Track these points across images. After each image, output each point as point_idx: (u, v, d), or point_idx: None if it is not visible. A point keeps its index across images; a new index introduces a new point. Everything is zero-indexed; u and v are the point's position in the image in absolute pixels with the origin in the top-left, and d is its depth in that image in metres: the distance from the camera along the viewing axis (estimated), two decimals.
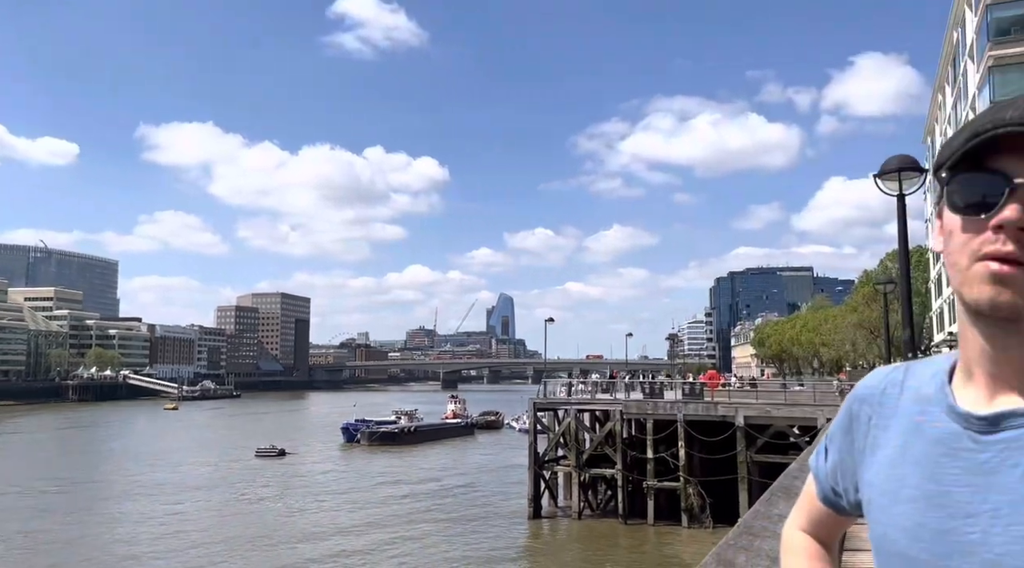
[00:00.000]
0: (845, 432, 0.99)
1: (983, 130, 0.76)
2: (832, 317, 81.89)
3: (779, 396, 32.12)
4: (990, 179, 0.77)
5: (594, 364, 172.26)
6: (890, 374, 0.96)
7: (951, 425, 0.83)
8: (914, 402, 0.89)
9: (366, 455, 50.42)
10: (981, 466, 0.78)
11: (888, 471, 0.88)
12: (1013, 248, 0.74)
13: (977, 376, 0.83)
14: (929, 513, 0.81)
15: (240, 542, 25.55)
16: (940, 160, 0.81)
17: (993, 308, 0.76)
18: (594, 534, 26.27)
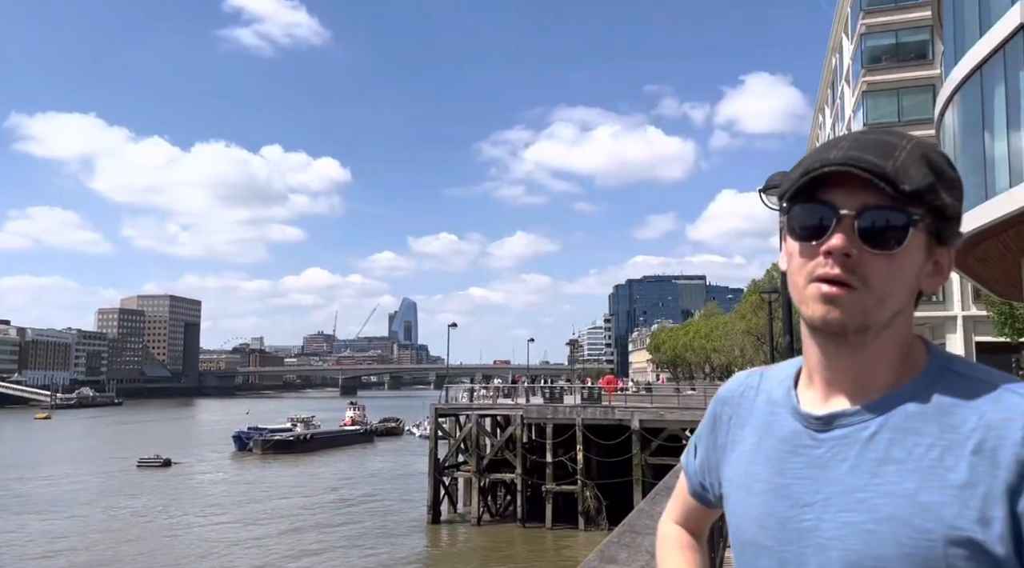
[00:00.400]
0: (710, 432, 1.09)
1: (812, 168, 0.86)
2: (723, 324, 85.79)
3: (673, 400, 33.28)
4: (821, 210, 0.87)
5: (497, 369, 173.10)
6: (748, 378, 1.07)
7: (794, 424, 0.93)
8: (766, 404, 1.00)
9: (259, 464, 48.51)
10: (816, 461, 0.88)
11: (745, 467, 0.98)
12: (840, 271, 0.85)
13: (816, 381, 0.94)
14: (775, 504, 0.91)
15: (118, 561, 23.97)
16: (780, 192, 0.91)
17: (824, 324, 0.87)
18: (493, 539, 26.33)
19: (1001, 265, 17.78)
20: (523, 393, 33.58)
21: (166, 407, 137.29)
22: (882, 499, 0.82)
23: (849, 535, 0.83)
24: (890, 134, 0.88)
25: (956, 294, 32.74)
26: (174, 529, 28.88)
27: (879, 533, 0.81)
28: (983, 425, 0.80)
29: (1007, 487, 0.77)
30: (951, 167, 0.88)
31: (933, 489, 0.80)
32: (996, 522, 0.77)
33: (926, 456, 0.82)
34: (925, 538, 0.78)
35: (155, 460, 46.63)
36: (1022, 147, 13.72)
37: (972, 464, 0.79)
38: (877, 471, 0.83)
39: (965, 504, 0.78)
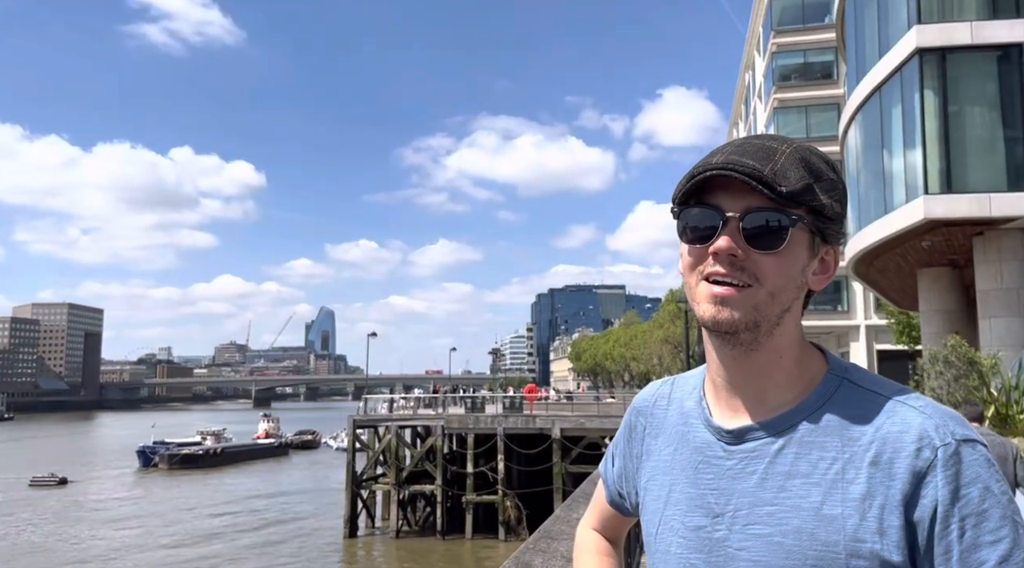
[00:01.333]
0: (626, 441, 1.12)
1: (696, 173, 0.90)
2: (641, 333, 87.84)
3: (593, 408, 33.68)
4: (708, 213, 0.90)
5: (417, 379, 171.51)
6: (660, 388, 1.10)
7: (707, 436, 0.95)
8: (679, 414, 1.02)
9: (165, 480, 46.18)
10: (727, 472, 0.91)
11: (661, 477, 1.00)
12: (727, 270, 0.88)
13: (720, 387, 0.96)
14: (689, 514, 0.93)
15: None
16: (673, 197, 0.94)
17: (715, 324, 0.89)
18: (411, 551, 25.87)
19: (899, 277, 18.83)
20: (444, 403, 33.28)
21: (64, 422, 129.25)
22: (789, 512, 0.85)
23: (758, 547, 0.86)
24: (774, 139, 0.92)
25: (859, 305, 34.55)
26: (70, 551, 27.03)
27: (786, 545, 0.84)
28: (879, 438, 0.84)
29: (902, 497, 0.81)
30: (831, 169, 0.92)
31: (835, 502, 0.83)
32: (892, 531, 0.80)
33: (829, 470, 0.85)
34: (829, 550, 0.81)
35: (50, 479, 43.70)
36: (917, 164, 14.55)
37: (870, 476, 0.82)
38: (784, 485, 0.86)
39: (864, 516, 0.81)
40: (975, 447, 0.82)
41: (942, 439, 0.81)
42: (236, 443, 59.20)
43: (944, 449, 0.80)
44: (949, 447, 0.81)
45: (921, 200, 14.02)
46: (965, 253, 15.24)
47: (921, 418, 0.84)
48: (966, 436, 0.82)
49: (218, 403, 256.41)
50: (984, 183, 14.00)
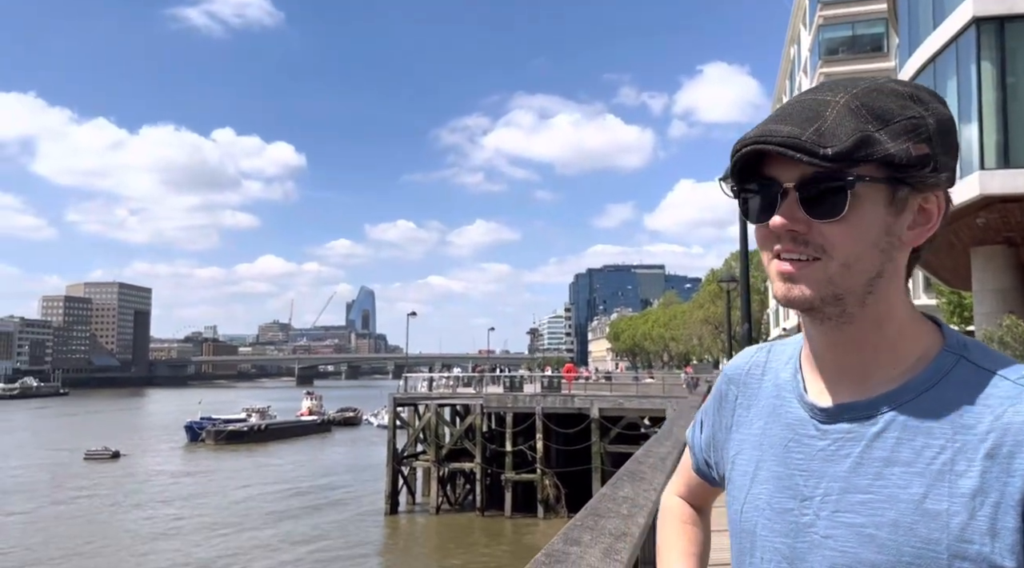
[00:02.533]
0: (716, 409, 1.05)
1: (736, 150, 0.83)
2: (681, 313, 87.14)
3: (631, 389, 33.63)
4: (764, 188, 0.83)
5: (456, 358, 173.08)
6: (755, 355, 1.02)
7: (800, 412, 0.88)
8: (773, 386, 0.95)
9: (211, 455, 47.60)
10: (818, 454, 0.84)
11: (748, 452, 0.94)
12: (791, 246, 0.82)
13: (817, 364, 0.88)
14: (776, 495, 0.87)
15: (66, 557, 23.22)
16: (725, 176, 0.88)
17: (788, 302, 0.82)
18: (451, 528, 26.27)
19: (951, 255, 18.26)
20: (484, 382, 33.54)
21: (115, 397, 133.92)
22: (885, 503, 0.77)
23: (847, 536, 0.79)
24: (831, 89, 0.82)
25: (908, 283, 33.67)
26: (122, 523, 28.12)
27: (879, 539, 0.77)
28: (999, 427, 0.74)
29: (1022, 496, 0.72)
30: (912, 103, 0.80)
31: (941, 496, 0.75)
32: (1006, 533, 0.72)
33: (936, 459, 0.76)
34: (929, 549, 0.74)
35: (103, 452, 45.39)
36: (972, 139, 14.03)
37: (984, 469, 0.73)
38: (882, 472, 0.79)
39: (974, 514, 0.73)
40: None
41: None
42: (280, 420, 60.64)
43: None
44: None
45: (976, 175, 13.54)
46: (1022, 230, 14.70)
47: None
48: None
49: (262, 381, 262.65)
50: None
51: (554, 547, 1.94)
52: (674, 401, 24.72)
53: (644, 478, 3.54)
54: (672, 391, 29.69)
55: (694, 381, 31.46)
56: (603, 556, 1.93)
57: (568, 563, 1.80)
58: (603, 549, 1.98)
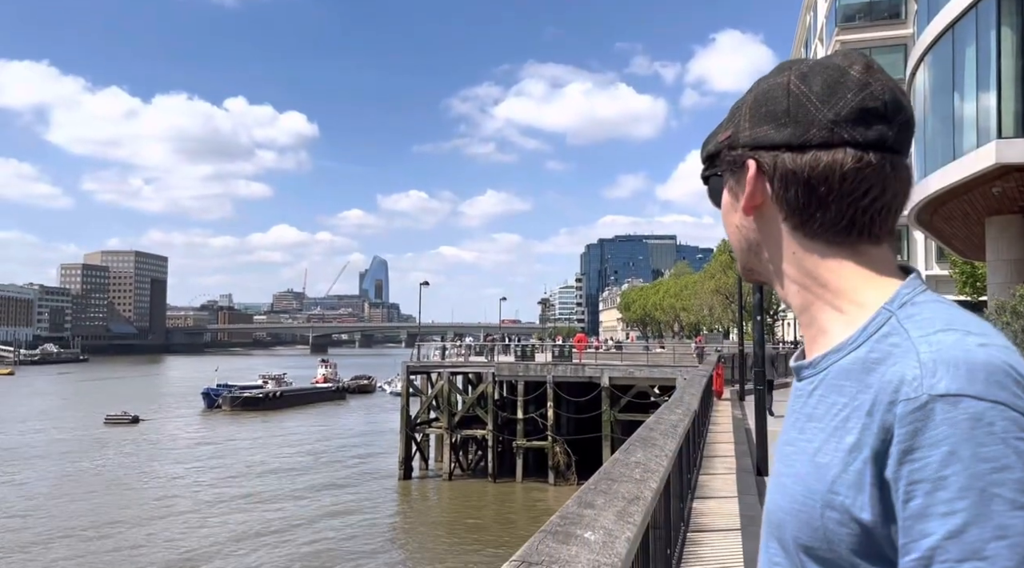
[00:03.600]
0: None
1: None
2: (692, 283, 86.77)
3: (642, 358, 33.71)
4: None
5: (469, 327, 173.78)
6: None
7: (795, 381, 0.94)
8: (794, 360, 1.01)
9: (228, 421, 48.43)
10: (792, 410, 0.89)
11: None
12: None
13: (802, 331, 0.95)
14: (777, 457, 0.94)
15: (90, 514, 23.89)
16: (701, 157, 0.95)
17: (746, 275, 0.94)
18: (464, 493, 26.73)
19: (965, 225, 18.11)
20: (497, 351, 33.78)
21: (133, 364, 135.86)
22: (798, 455, 0.83)
23: (773, 484, 0.87)
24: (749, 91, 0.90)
25: (920, 254, 33.42)
26: (145, 483, 28.81)
27: (788, 487, 0.83)
28: (878, 384, 0.75)
29: (874, 453, 0.73)
30: (758, 86, 0.88)
31: (829, 450, 0.78)
32: (866, 487, 0.73)
33: (838, 416, 0.79)
34: (810, 497, 0.78)
35: (123, 417, 46.28)
36: (991, 107, 13.84)
37: (864, 426, 0.75)
38: (804, 427, 0.84)
39: (846, 468, 0.75)
40: (958, 403, 0.69)
41: (914, 391, 0.70)
42: (296, 387, 61.40)
43: (906, 404, 0.71)
44: (913, 402, 0.70)
45: (993, 144, 13.37)
46: None
47: (912, 366, 0.73)
48: (951, 390, 0.69)
49: (276, 348, 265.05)
50: None
51: (569, 509, 2.05)
52: (684, 370, 24.85)
53: (656, 444, 3.66)
54: (682, 361, 29.80)
55: (703, 351, 31.53)
56: (616, 519, 2.03)
57: (582, 525, 1.90)
58: (616, 512, 2.08)
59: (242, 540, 21.19)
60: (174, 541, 21.19)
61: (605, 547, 1.76)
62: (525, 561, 1.63)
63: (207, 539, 21.26)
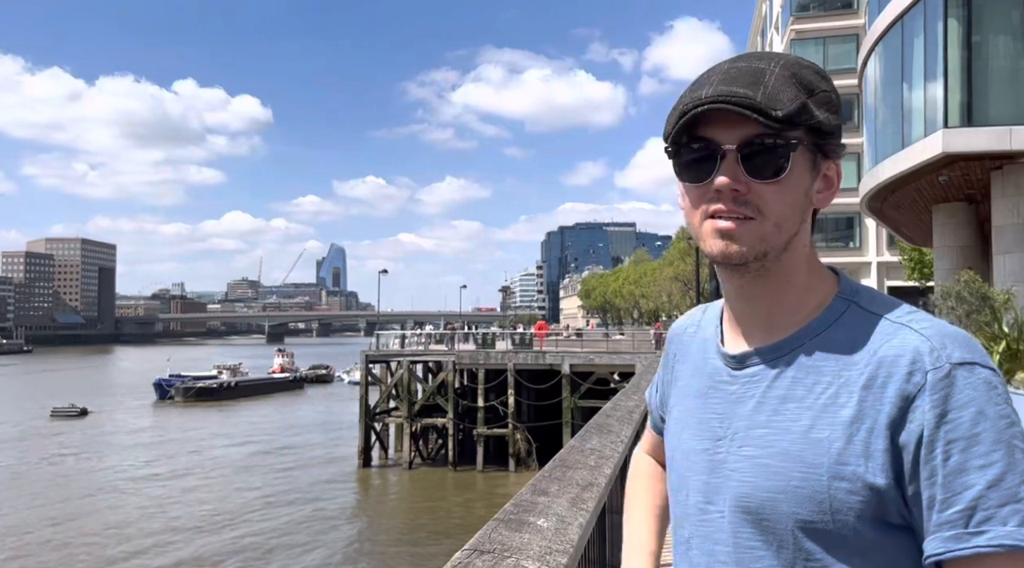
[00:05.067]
0: (663, 367, 1.15)
1: (687, 109, 0.86)
2: (651, 270, 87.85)
3: (602, 345, 34.03)
4: (705, 149, 0.87)
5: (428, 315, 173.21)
6: (693, 314, 1.12)
7: (718, 362, 0.97)
8: (700, 341, 1.04)
9: (181, 412, 47.41)
10: (730, 397, 0.93)
11: (683, 402, 1.02)
12: (732, 206, 0.87)
13: (732, 317, 0.97)
14: (698, 437, 0.96)
15: (35, 510, 23.16)
16: (664, 135, 0.91)
17: (725, 258, 0.88)
18: (424, 481, 26.67)
19: (913, 212, 18.62)
20: (457, 339, 33.71)
21: (81, 355, 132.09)
22: (779, 435, 0.86)
23: (748, 468, 0.88)
24: (760, 58, 0.88)
25: (872, 241, 34.32)
26: (91, 481, 28.03)
27: (772, 466, 0.85)
28: (875, 361, 0.83)
29: (890, 420, 0.80)
30: (823, 79, 0.89)
31: (824, 426, 0.83)
32: (878, 454, 0.80)
33: (823, 394, 0.85)
34: (812, 472, 0.82)
35: (71, 409, 44.96)
36: (937, 97, 14.19)
37: (861, 399, 0.82)
38: (778, 409, 0.87)
39: (850, 439, 0.81)
40: (973, 370, 0.79)
41: (934, 362, 0.79)
42: (252, 377, 60.43)
43: (934, 372, 0.79)
44: (940, 370, 0.79)
45: (940, 133, 13.73)
46: (982, 188, 15.01)
47: (919, 340, 0.82)
48: (964, 359, 0.80)
49: (232, 338, 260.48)
50: (1005, 116, 13.65)
51: (523, 497, 2.01)
52: (643, 356, 25.14)
53: (612, 430, 3.65)
54: (641, 347, 30.12)
55: (661, 337, 31.97)
56: (570, 505, 2.00)
57: (535, 512, 1.86)
58: (570, 499, 2.06)
59: (193, 531, 20.80)
60: (123, 534, 20.69)
61: (558, 533, 1.73)
62: (477, 549, 1.60)
63: (157, 532, 20.81)
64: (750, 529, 0.86)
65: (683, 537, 0.97)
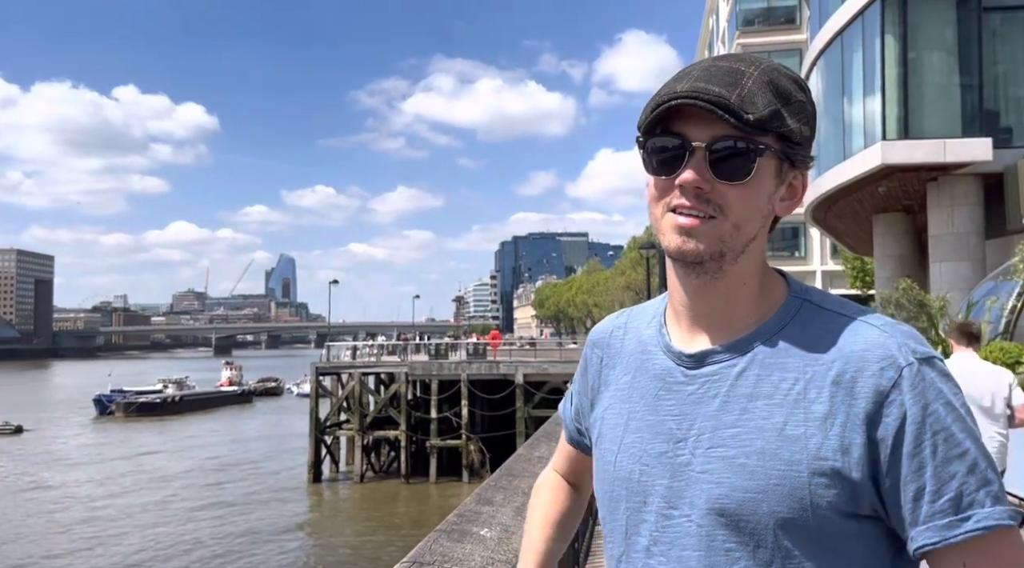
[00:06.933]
0: (582, 375, 1.10)
1: (661, 102, 0.86)
2: (604, 280, 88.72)
3: (555, 354, 34.17)
4: (674, 143, 0.87)
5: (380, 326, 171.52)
6: (616, 319, 1.09)
7: (667, 362, 0.94)
8: (636, 343, 1.01)
9: (122, 428, 45.73)
10: (689, 398, 0.91)
11: (619, 406, 0.98)
12: (694, 202, 0.86)
13: (682, 315, 0.94)
14: (651, 441, 0.92)
15: None
16: (638, 125, 0.91)
17: (681, 254, 0.88)
18: (375, 494, 26.25)
19: (855, 222, 19.19)
20: (410, 350, 33.40)
21: (16, 370, 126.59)
22: (752, 434, 0.85)
23: (722, 469, 0.85)
24: (741, 60, 0.88)
25: (816, 250, 35.29)
26: (26, 500, 26.78)
27: (749, 466, 0.84)
28: (842, 357, 0.84)
29: (865, 415, 0.81)
30: (800, 90, 0.89)
31: (798, 422, 0.83)
32: (855, 448, 0.81)
33: (791, 390, 0.85)
34: (792, 469, 0.82)
35: (4, 427, 43.00)
36: (876, 111, 14.68)
37: (832, 394, 0.83)
38: (746, 406, 0.86)
39: (826, 434, 0.82)
40: (934, 363, 0.83)
41: (905, 358, 0.82)
42: (198, 391, 58.77)
43: (908, 368, 0.81)
44: (913, 366, 0.81)
45: (879, 146, 14.19)
46: (919, 199, 15.54)
47: (883, 337, 0.84)
48: (926, 354, 0.83)
49: (177, 351, 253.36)
50: (940, 129, 14.19)
51: (467, 507, 1.96)
52: None
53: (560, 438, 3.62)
54: None
55: None
56: (515, 514, 1.96)
57: (479, 522, 1.81)
58: (516, 508, 2.01)
59: (132, 553, 20.03)
60: (57, 557, 19.80)
61: (501, 544, 1.68)
62: (417, 562, 1.54)
63: (94, 553, 19.98)
64: (725, 531, 0.84)
65: (640, 546, 0.92)
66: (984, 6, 14.35)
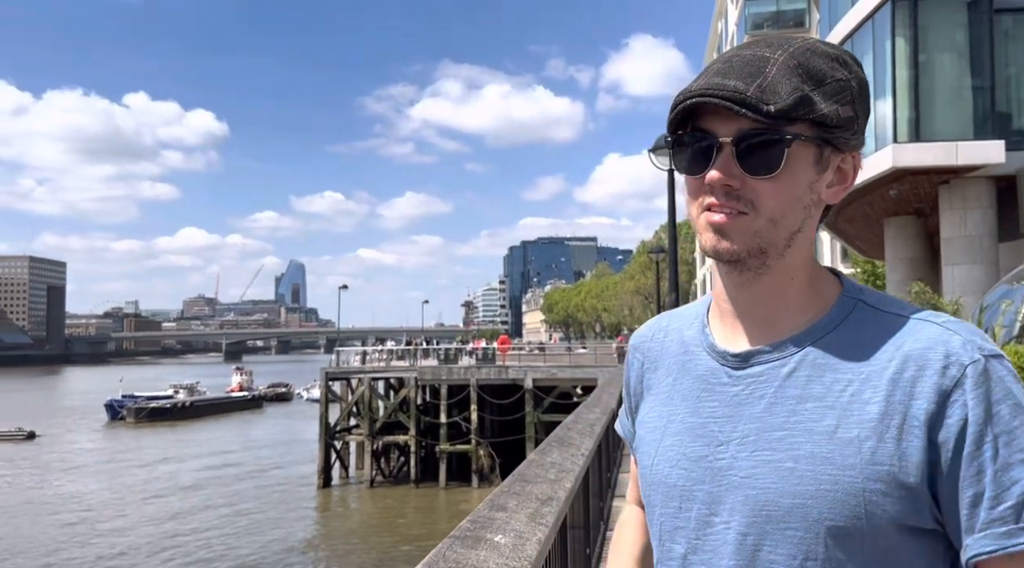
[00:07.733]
0: (627, 386, 1.06)
1: (677, 102, 0.84)
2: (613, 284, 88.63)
3: (564, 359, 34.10)
4: (701, 140, 0.84)
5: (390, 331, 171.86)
6: (657, 322, 1.05)
7: (711, 362, 0.90)
8: (679, 344, 0.96)
9: (133, 433, 45.98)
10: (732, 399, 0.86)
11: (660, 409, 0.94)
12: (724, 200, 0.83)
13: (727, 314, 0.91)
14: (690, 444, 0.88)
15: None
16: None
17: (716, 253, 0.85)
18: (385, 500, 26.25)
19: (866, 226, 19.08)
20: (419, 355, 33.43)
21: (29, 376, 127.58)
22: (801, 436, 0.80)
23: (767, 473, 0.81)
24: (769, 46, 0.84)
25: (826, 254, 35.10)
26: (40, 506, 26.94)
27: (798, 470, 0.79)
28: (900, 355, 0.79)
29: (927, 417, 0.76)
30: (840, 66, 0.83)
31: (851, 424, 0.78)
32: (913, 452, 0.76)
33: (845, 391, 0.80)
34: (845, 474, 0.77)
35: (16, 433, 43.28)
36: (887, 113, 14.60)
37: (888, 393, 0.78)
38: (795, 409, 0.82)
39: (882, 437, 0.77)
40: (1003, 362, 0.77)
41: (970, 356, 0.76)
42: (208, 396, 59.02)
43: (974, 366, 0.75)
44: (978, 364, 0.76)
45: (890, 149, 14.12)
46: (931, 202, 15.45)
47: (947, 334, 0.79)
48: (993, 351, 0.77)
49: (188, 357, 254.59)
50: (951, 132, 14.11)
51: (480, 513, 1.95)
52: (606, 370, 25.20)
53: (572, 443, 3.59)
54: (603, 360, 30.24)
55: (623, 351, 32.16)
56: (528, 520, 1.94)
57: (493, 528, 1.80)
58: (529, 514, 2.00)
59: (146, 556, 20.10)
60: (74, 561, 19.89)
61: (515, 550, 1.67)
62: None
63: (109, 557, 20.06)
64: (772, 541, 0.79)
65: (676, 553, 0.88)
66: (995, 8, 14.27)
